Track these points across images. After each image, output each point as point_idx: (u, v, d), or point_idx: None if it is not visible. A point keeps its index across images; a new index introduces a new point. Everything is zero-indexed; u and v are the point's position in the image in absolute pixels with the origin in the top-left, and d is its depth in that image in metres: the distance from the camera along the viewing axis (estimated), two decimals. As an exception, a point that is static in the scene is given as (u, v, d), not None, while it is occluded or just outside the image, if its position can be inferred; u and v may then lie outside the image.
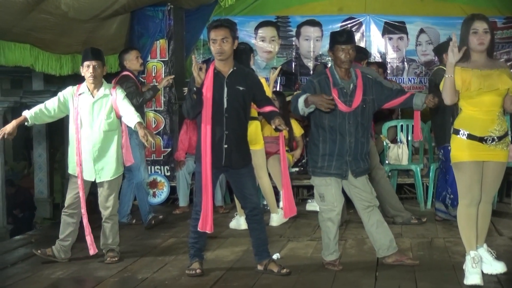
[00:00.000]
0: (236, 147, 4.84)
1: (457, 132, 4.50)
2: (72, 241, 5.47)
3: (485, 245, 4.66)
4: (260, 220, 4.99)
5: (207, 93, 4.73)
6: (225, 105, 4.77)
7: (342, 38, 4.85)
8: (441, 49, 6.53)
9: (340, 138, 4.84)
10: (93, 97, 5.40)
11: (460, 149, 4.49)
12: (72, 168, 5.44)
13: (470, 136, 4.43)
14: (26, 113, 5.31)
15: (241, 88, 4.82)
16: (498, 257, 4.70)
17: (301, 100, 4.64)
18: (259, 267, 4.96)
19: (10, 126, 5.19)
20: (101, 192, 5.51)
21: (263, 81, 6.64)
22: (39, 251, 5.48)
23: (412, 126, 7.49)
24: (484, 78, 4.35)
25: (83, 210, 5.35)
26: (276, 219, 6.71)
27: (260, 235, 4.98)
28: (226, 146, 4.79)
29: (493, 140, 4.40)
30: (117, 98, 5.40)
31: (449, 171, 6.33)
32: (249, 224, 5.03)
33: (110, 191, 5.49)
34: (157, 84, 7.39)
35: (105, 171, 5.44)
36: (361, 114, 4.86)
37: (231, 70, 4.83)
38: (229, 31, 4.75)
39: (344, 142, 4.84)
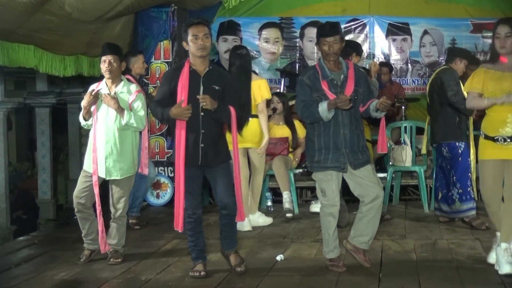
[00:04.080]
0: (213, 145, 4.82)
1: (480, 132, 4.86)
2: (96, 232, 5.41)
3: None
4: (231, 218, 4.93)
5: (183, 91, 4.72)
6: (201, 104, 4.72)
7: (325, 30, 4.83)
8: (455, 53, 6.59)
9: (334, 130, 4.80)
10: (110, 93, 5.38)
11: (482, 147, 4.84)
12: (87, 165, 5.40)
13: (487, 137, 4.75)
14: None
15: (217, 88, 4.80)
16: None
17: (322, 109, 4.63)
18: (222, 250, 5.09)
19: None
20: (113, 193, 5.46)
21: (262, 82, 6.62)
22: (81, 260, 5.44)
23: (416, 127, 7.55)
24: (499, 81, 4.64)
25: (99, 208, 5.28)
26: (247, 222, 6.45)
27: (230, 230, 5.00)
28: (202, 145, 4.77)
29: (504, 140, 4.65)
30: (135, 100, 5.38)
31: (456, 167, 6.32)
32: (220, 219, 4.99)
33: (123, 192, 5.45)
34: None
35: (116, 169, 5.37)
36: (353, 106, 4.77)
37: (207, 69, 4.83)
38: (208, 29, 4.79)
39: (338, 134, 4.80)
